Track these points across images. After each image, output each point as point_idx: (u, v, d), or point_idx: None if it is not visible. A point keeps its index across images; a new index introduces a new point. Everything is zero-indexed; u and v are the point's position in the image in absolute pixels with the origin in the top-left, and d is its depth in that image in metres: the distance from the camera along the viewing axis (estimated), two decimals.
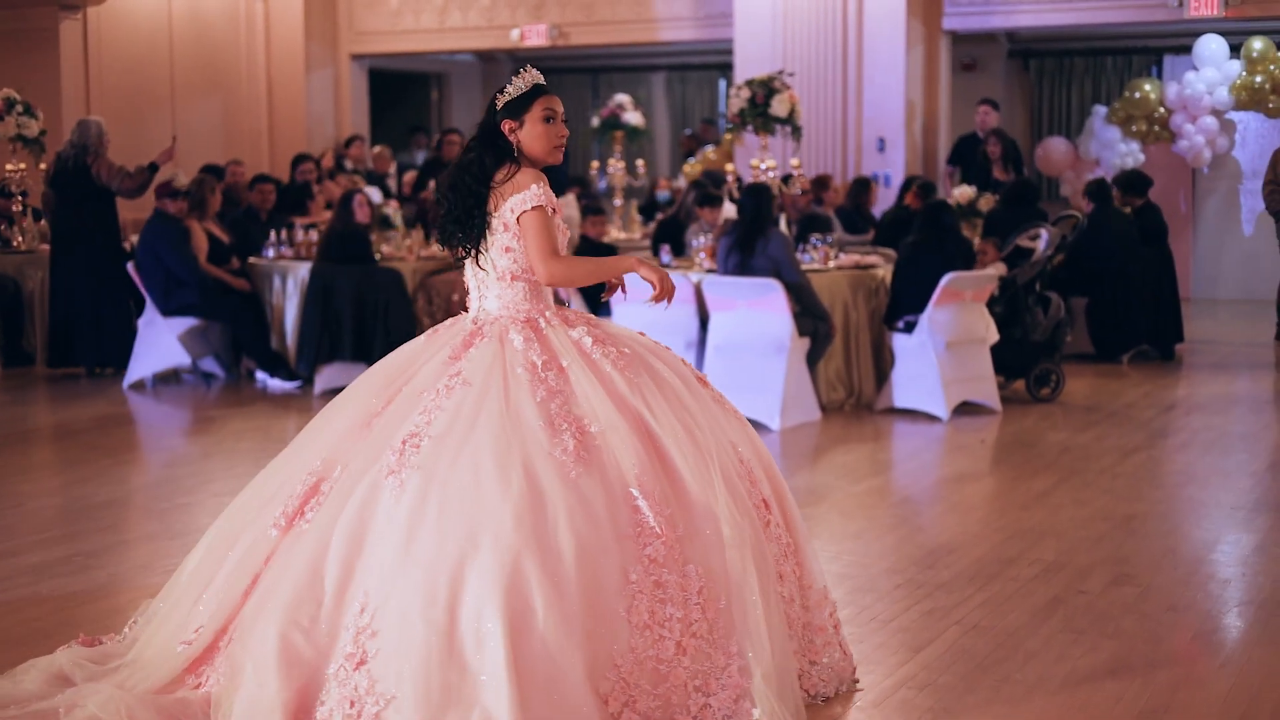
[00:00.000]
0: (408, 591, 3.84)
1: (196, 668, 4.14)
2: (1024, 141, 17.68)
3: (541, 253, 4.24)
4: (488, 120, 4.36)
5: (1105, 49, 17.89)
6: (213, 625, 4.16)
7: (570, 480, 3.95)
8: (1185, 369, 11.63)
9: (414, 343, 4.50)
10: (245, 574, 4.17)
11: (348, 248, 10.50)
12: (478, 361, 4.19)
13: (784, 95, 10.28)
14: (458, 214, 4.33)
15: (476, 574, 3.81)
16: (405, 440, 4.06)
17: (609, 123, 14.82)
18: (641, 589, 3.92)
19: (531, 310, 4.33)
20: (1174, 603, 5.48)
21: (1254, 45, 15.86)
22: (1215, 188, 17.00)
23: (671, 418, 4.18)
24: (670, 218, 12.19)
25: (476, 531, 3.84)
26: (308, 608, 3.97)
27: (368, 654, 3.84)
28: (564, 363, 4.20)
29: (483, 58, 20.95)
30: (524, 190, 4.25)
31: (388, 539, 3.94)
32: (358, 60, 18.04)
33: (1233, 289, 17.06)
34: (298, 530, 4.11)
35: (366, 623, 3.87)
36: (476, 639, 3.76)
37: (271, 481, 4.35)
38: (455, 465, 3.96)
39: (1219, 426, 9.05)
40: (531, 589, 3.79)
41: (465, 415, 4.06)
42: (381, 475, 4.03)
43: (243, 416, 9.67)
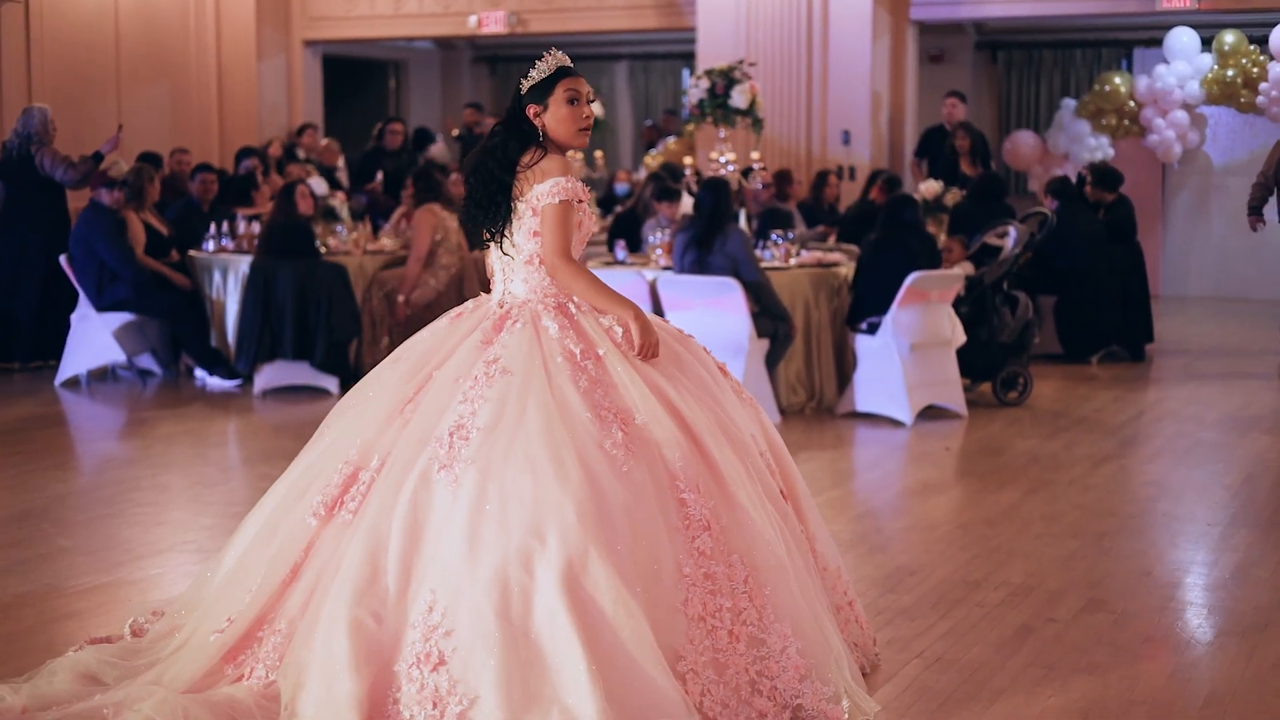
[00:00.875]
0: (478, 590, 3.81)
1: (234, 656, 4.10)
2: (991, 135, 17.39)
3: (555, 249, 4.23)
4: (513, 105, 4.34)
5: (1075, 41, 17.61)
6: (249, 613, 4.12)
7: (623, 473, 3.95)
8: (1155, 370, 11.32)
9: (435, 327, 4.45)
10: (283, 563, 4.14)
11: (289, 241, 10.07)
12: (514, 348, 4.15)
13: (744, 86, 9.92)
14: (480, 198, 4.32)
15: (545, 570, 3.79)
16: (452, 432, 4.02)
17: None
18: (694, 581, 3.95)
19: (560, 294, 4.31)
20: (1150, 632, 5.13)
21: (1226, 39, 15.59)
22: (1186, 183, 16.72)
23: (704, 408, 4.21)
24: (627, 211, 11.79)
25: (541, 527, 3.83)
26: (370, 604, 3.91)
27: (444, 654, 3.80)
28: (600, 351, 4.19)
29: (442, 45, 20.53)
30: (550, 180, 4.25)
31: (449, 536, 3.90)
32: (311, 46, 17.57)
33: (1203, 286, 16.79)
34: (340, 520, 4.10)
35: (438, 621, 3.83)
36: (552, 637, 3.75)
37: (308, 474, 4.31)
38: (509, 459, 3.94)
39: (1191, 434, 8.72)
40: (600, 583, 3.79)
41: (512, 406, 4.03)
42: (433, 469, 3.99)
43: (176, 419, 9.23)
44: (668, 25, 15.98)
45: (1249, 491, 7.24)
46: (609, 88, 20.08)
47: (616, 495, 3.92)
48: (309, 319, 9.98)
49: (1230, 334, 13.46)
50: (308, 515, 4.15)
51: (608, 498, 3.91)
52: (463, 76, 20.99)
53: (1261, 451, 8.20)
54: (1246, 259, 16.57)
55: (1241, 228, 16.54)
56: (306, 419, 9.23)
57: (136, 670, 4.22)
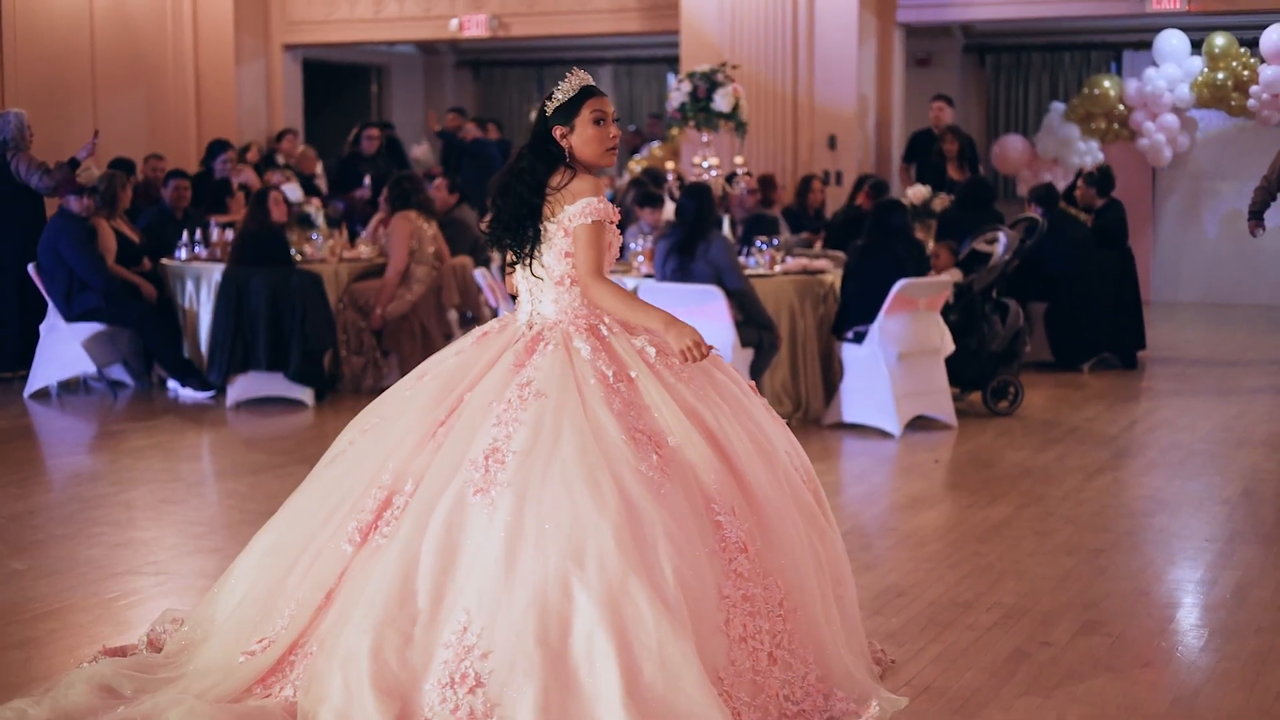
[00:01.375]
0: (515, 613, 3.80)
1: (265, 679, 4.09)
2: (980, 139, 17.19)
3: (588, 269, 4.22)
4: (538, 127, 4.33)
5: (1063, 44, 17.43)
6: (285, 639, 4.11)
7: (661, 495, 3.94)
8: (1148, 378, 11.12)
9: (459, 346, 4.44)
10: (318, 590, 4.12)
11: (262, 249, 9.84)
12: (547, 371, 4.15)
13: (727, 89, 9.71)
14: (507, 220, 4.31)
15: (584, 595, 3.78)
16: (487, 455, 4.02)
17: None
18: (735, 603, 3.95)
19: (590, 315, 4.31)
20: (1150, 656, 4.91)
21: (1216, 41, 15.42)
22: (1176, 187, 16.54)
23: (739, 428, 4.20)
24: None
25: (580, 551, 3.82)
26: (401, 625, 3.90)
27: (480, 675, 3.78)
28: (632, 373, 4.19)
29: (424, 49, 20.31)
30: (581, 200, 4.23)
31: (485, 558, 3.89)
32: (290, 51, 17.34)
33: (1194, 291, 16.61)
34: (373, 545, 4.09)
35: (473, 643, 3.82)
36: (589, 662, 3.75)
37: (334, 492, 4.27)
38: (545, 482, 3.93)
39: (1186, 445, 8.52)
40: (641, 607, 3.78)
41: (547, 429, 4.02)
42: (468, 492, 3.99)
43: (145, 432, 8.99)
44: (652, 29, 15.78)
45: (1247, 505, 7.03)
46: None
47: (655, 518, 3.90)
48: (283, 329, 9.74)
49: (1222, 340, 13.27)
50: (344, 542, 4.13)
51: (646, 521, 3.90)
52: (446, 81, 20.76)
53: (1258, 463, 7.99)
54: (1237, 264, 16.39)
55: (1232, 232, 16.40)
56: (280, 432, 9.00)
57: (156, 684, 4.20)
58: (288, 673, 4.10)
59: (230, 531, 6.58)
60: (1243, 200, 16.32)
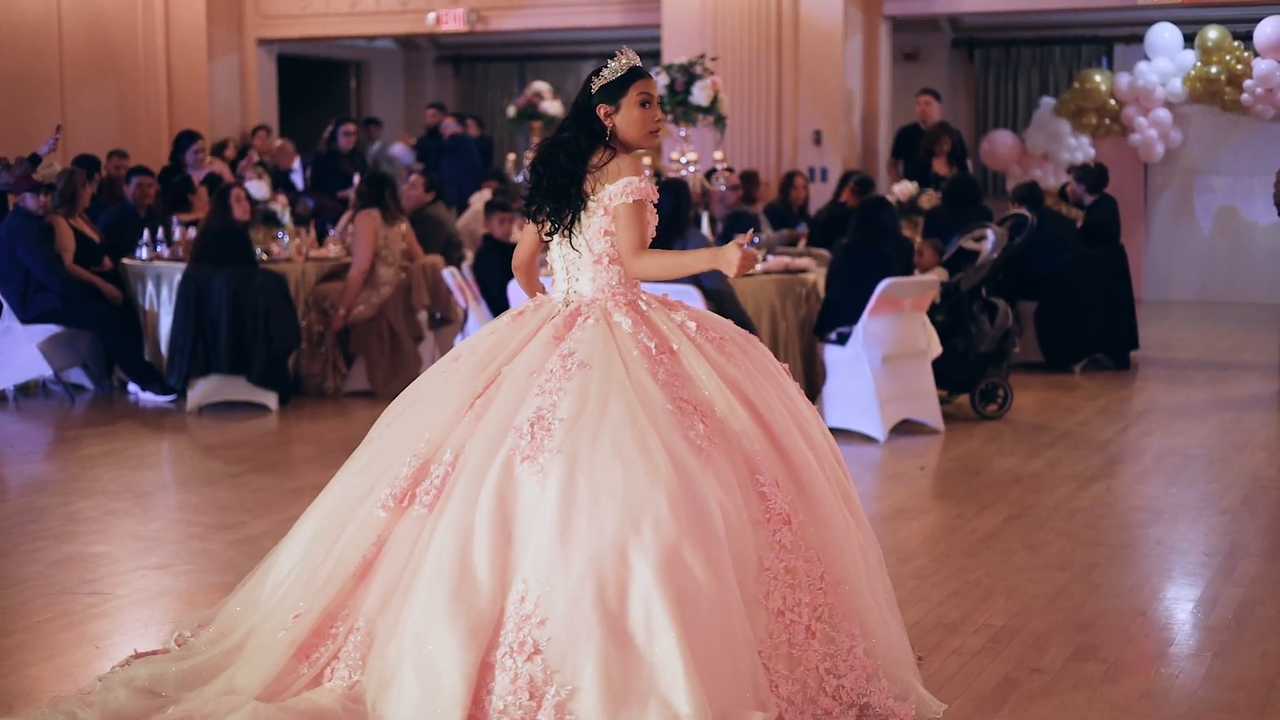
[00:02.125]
0: (572, 579, 3.77)
1: (307, 654, 4.02)
2: (969, 134, 16.89)
3: (632, 248, 4.22)
4: (583, 102, 4.31)
5: (1053, 38, 17.12)
6: (318, 607, 4.04)
7: (710, 463, 3.93)
8: (1141, 379, 10.80)
9: (495, 325, 4.42)
10: (352, 557, 4.08)
11: (224, 248, 9.48)
12: (589, 344, 4.13)
13: (706, 82, 9.36)
14: (549, 188, 4.30)
15: (640, 560, 3.76)
16: (532, 423, 3.98)
17: (526, 112, 13.82)
18: (776, 575, 3.95)
19: (628, 292, 4.30)
20: (1148, 686, 4.57)
21: (1209, 35, 15.14)
22: (1168, 183, 16.23)
23: (779, 404, 4.21)
24: None
25: (636, 517, 3.79)
26: (465, 599, 3.84)
27: (539, 643, 3.76)
28: (674, 346, 4.19)
29: (405, 45, 19.97)
30: (623, 179, 4.23)
31: (539, 527, 3.85)
32: (265, 45, 16.98)
33: (1187, 290, 16.31)
34: (414, 514, 4.04)
35: (530, 610, 3.78)
36: (647, 626, 3.72)
37: (372, 469, 4.24)
38: (596, 449, 3.90)
39: (1182, 449, 8.19)
40: (695, 574, 3.76)
41: (594, 397, 4.00)
42: (515, 460, 3.95)
43: (101, 438, 8.63)
44: (634, 22, 15.44)
45: (1248, 515, 6.70)
46: (576, 87, 19.43)
47: (705, 485, 3.89)
48: (245, 331, 9.39)
49: (1217, 339, 12.96)
50: (377, 508, 4.08)
51: (698, 488, 3.88)
52: (426, 77, 20.41)
53: (1258, 469, 7.66)
54: (1231, 262, 16.10)
55: (1226, 229, 16.10)
56: (241, 439, 8.65)
57: (195, 675, 4.16)
58: (331, 645, 4.02)
59: (176, 547, 6.23)
60: (1236, 196, 16.08)
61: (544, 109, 13.71)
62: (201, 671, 4.18)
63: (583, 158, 4.27)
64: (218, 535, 6.41)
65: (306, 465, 7.96)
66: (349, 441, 8.65)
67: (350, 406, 9.69)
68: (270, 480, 7.50)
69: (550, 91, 13.92)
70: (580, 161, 4.26)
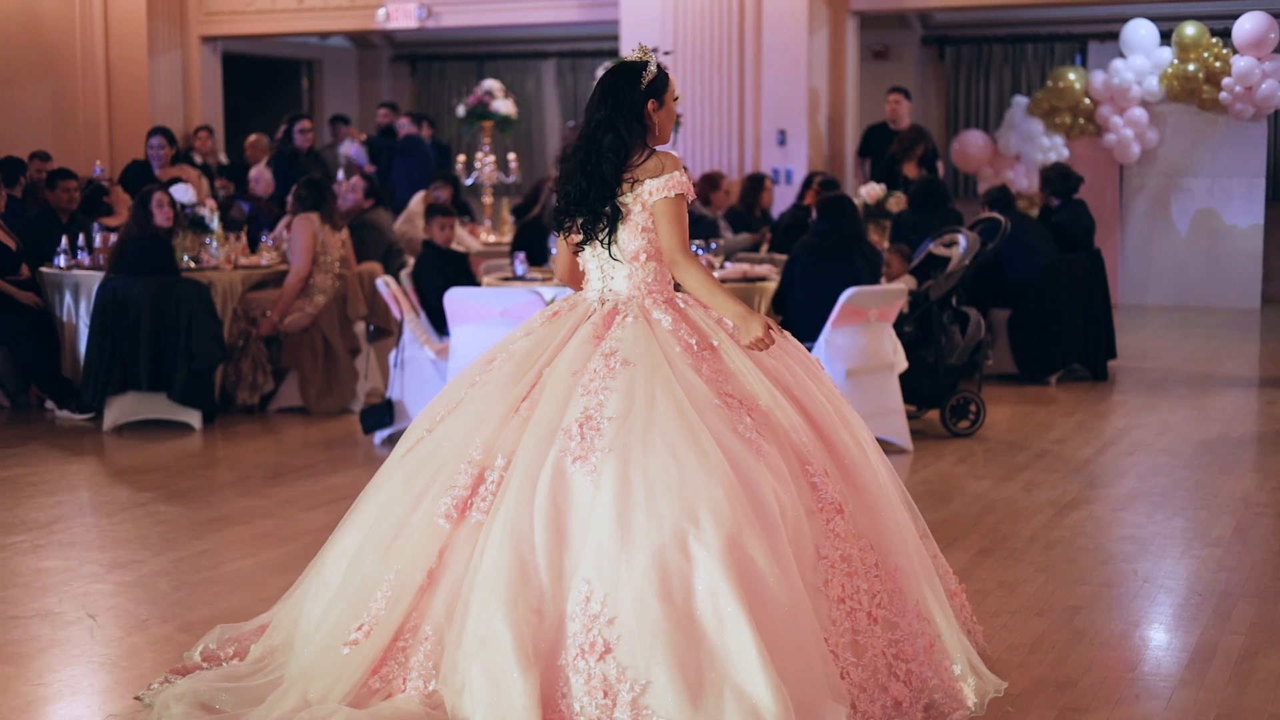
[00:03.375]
0: (637, 576, 3.76)
1: (379, 669, 4.00)
2: (939, 135, 16.39)
3: (678, 245, 4.21)
4: (628, 100, 4.24)
5: (1026, 35, 16.64)
6: (390, 622, 4.01)
7: (762, 454, 3.93)
8: (1120, 391, 10.26)
9: (530, 326, 4.40)
10: (417, 567, 4.04)
11: (145, 256, 8.85)
12: (631, 341, 4.14)
13: None
14: (592, 202, 4.25)
15: (702, 552, 3.75)
16: (581, 424, 3.98)
17: (476, 112, 13.21)
18: (833, 563, 3.96)
19: (665, 288, 4.32)
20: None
21: (1186, 31, 14.64)
22: (1145, 185, 15.72)
23: (821, 396, 4.25)
24: (533, 220, 10.61)
25: (693, 510, 3.79)
26: (528, 601, 3.83)
27: (610, 642, 3.74)
28: (715, 342, 4.21)
29: (359, 43, 19.38)
30: (666, 174, 4.21)
31: (597, 525, 3.84)
32: (209, 43, 16.35)
33: (1164, 294, 15.81)
34: (471, 522, 4.03)
35: (598, 610, 3.77)
36: (716, 618, 3.70)
37: (420, 475, 4.20)
38: (647, 446, 3.90)
39: (1167, 470, 7.64)
40: (758, 563, 3.76)
41: (640, 395, 4.00)
42: (566, 461, 3.95)
43: (5, 461, 7.99)
44: (592, 18, 14.88)
45: (1242, 548, 6.14)
46: (536, 87, 18.95)
47: (760, 476, 3.89)
48: (166, 345, 8.76)
49: (1197, 347, 12.44)
50: (438, 517, 4.06)
51: (753, 478, 3.88)
52: (381, 76, 19.81)
53: (1249, 492, 7.12)
54: (1208, 266, 15.61)
55: (1204, 232, 15.59)
56: (159, 461, 8.04)
57: (257, 692, 4.11)
58: (404, 660, 3.99)
59: (62, 592, 5.60)
60: (1214, 198, 15.58)
61: (495, 108, 13.10)
62: (258, 688, 4.14)
63: (626, 162, 4.21)
64: (111, 575, 5.80)
65: (222, 493, 7.34)
66: (276, 465, 8.12)
67: (280, 425, 9.09)
68: (178, 511, 6.88)
69: (502, 90, 13.30)
70: (624, 168, 4.21)
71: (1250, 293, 15.46)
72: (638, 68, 4.29)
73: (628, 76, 4.27)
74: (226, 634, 4.61)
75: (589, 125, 4.29)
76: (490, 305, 7.85)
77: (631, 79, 4.27)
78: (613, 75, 4.31)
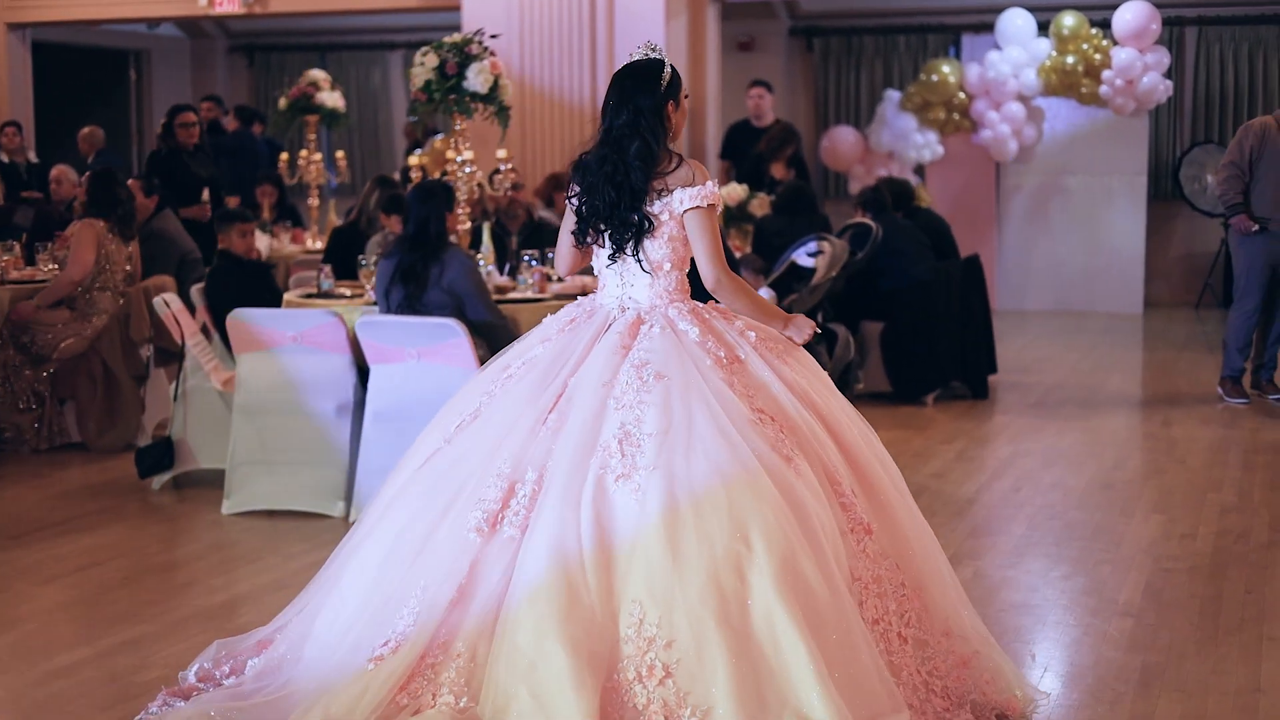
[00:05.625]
0: (693, 599, 3.65)
1: (408, 684, 3.82)
2: (807, 131, 15.52)
3: (714, 257, 4.16)
4: (650, 103, 4.15)
5: (898, 26, 15.83)
6: (418, 637, 3.84)
7: (800, 473, 3.88)
8: (1002, 411, 9.37)
9: (545, 333, 4.29)
10: (447, 582, 3.88)
11: None
12: (661, 353, 4.05)
13: (483, 64, 7.69)
14: (622, 212, 4.14)
15: (756, 574, 3.67)
16: (620, 440, 3.88)
17: (299, 104, 12.00)
18: (866, 585, 3.91)
19: (685, 298, 4.25)
20: None
21: (1065, 21, 13.89)
22: (1022, 184, 14.97)
23: (844, 414, 4.18)
24: (348, 226, 9.44)
25: (744, 531, 3.71)
26: (578, 622, 3.68)
27: (669, 666, 3.63)
28: (741, 355, 4.15)
29: (190, 32, 18.09)
30: (697, 184, 4.13)
31: (646, 546, 3.73)
32: (16, 30, 14.96)
33: (1043, 299, 15.08)
34: (504, 536, 3.89)
35: (653, 634, 3.65)
36: (773, 640, 3.62)
37: (444, 488, 4.06)
38: (691, 464, 3.81)
39: (1060, 511, 6.73)
40: (810, 582, 3.69)
41: (678, 410, 3.92)
42: (608, 479, 3.85)
43: None
44: (431, 4, 13.74)
45: (1155, 618, 5.19)
46: (381, 81, 17.79)
47: (802, 496, 3.82)
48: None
49: (1081, 358, 11.65)
50: (469, 531, 3.92)
51: (798, 497, 3.81)
52: (216, 68, 18.53)
53: (1155, 541, 6.21)
54: (1089, 269, 14.90)
55: (1084, 234, 14.85)
56: None
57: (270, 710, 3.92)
58: (433, 676, 3.83)
59: None
60: (1095, 198, 14.84)
61: (320, 100, 11.91)
62: (269, 704, 3.95)
63: (654, 170, 4.10)
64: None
65: None
66: (25, 519, 6.67)
67: (51, 465, 7.86)
68: None
69: (328, 81, 12.12)
70: (652, 176, 4.10)
71: (1132, 297, 14.79)
72: (655, 68, 4.16)
73: (647, 78, 4.15)
74: (222, 650, 4.39)
75: (610, 132, 4.13)
76: (281, 330, 6.71)
77: (651, 81, 4.15)
78: (630, 78, 4.16)
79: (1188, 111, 15.24)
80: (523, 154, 12.40)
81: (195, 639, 4.90)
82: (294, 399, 6.74)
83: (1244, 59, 15.00)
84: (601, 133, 4.18)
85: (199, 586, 5.65)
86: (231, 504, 6.79)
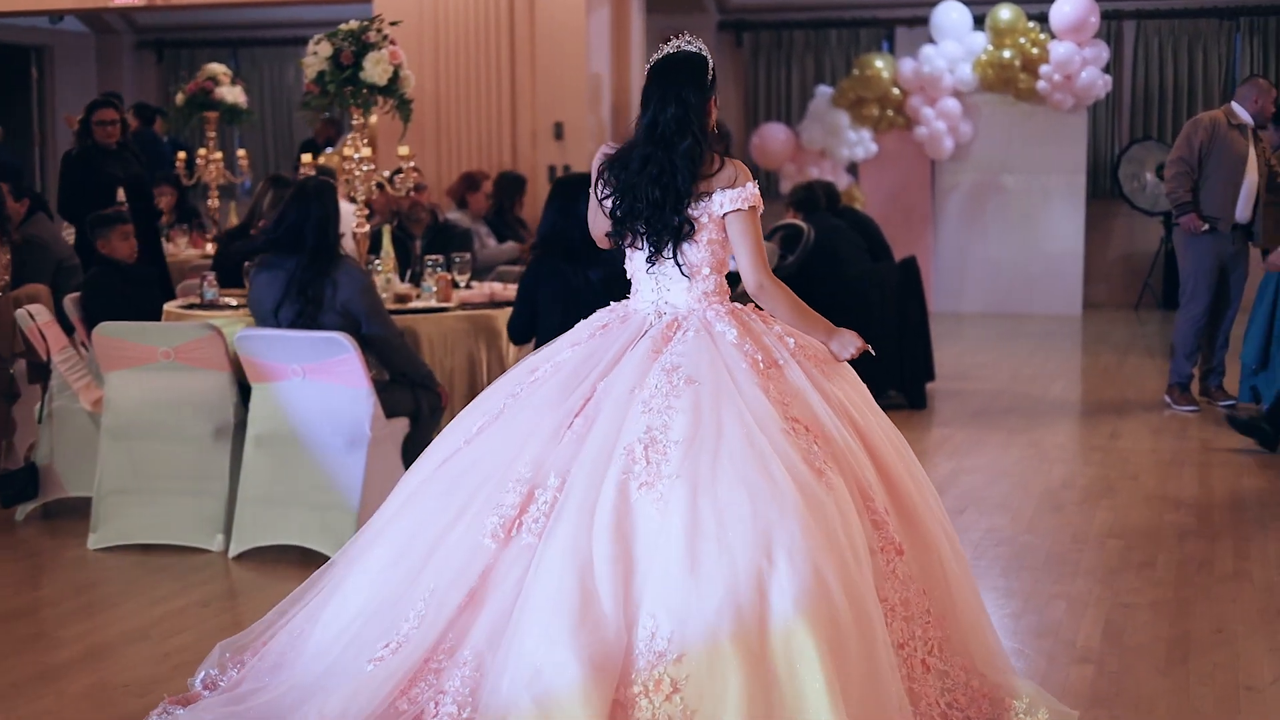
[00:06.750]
0: (708, 613, 3.46)
1: (409, 689, 3.65)
2: (737, 128, 15.02)
3: (757, 261, 4.02)
4: (699, 98, 3.98)
5: (830, 20, 15.36)
6: (423, 640, 3.68)
7: (831, 487, 3.68)
8: (942, 423, 8.88)
9: (576, 338, 4.13)
10: (457, 587, 3.72)
11: None
12: (694, 357, 3.89)
13: (381, 54, 7.09)
14: (665, 218, 3.98)
15: (778, 592, 3.46)
16: (646, 446, 3.70)
17: (197, 100, 11.33)
18: (893, 607, 3.74)
19: (724, 299, 4.09)
20: None
21: (1000, 15, 13.52)
22: (958, 182, 14.53)
23: (882, 430, 4.02)
24: (237, 228, 8.78)
25: (768, 546, 3.50)
26: (590, 630, 3.49)
27: (677, 681, 3.46)
28: (779, 360, 3.97)
29: (96, 27, 17.35)
30: (739, 186, 3.98)
31: (664, 557, 3.55)
32: None
33: (979, 301, 14.66)
34: (521, 544, 3.71)
35: (663, 648, 3.48)
36: (789, 664, 3.42)
37: (459, 490, 3.88)
38: (716, 473, 3.62)
39: (1008, 537, 6.22)
40: (835, 603, 3.46)
41: (707, 417, 3.75)
42: (630, 486, 3.67)
43: None
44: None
45: (1118, 664, 4.67)
46: (296, 78, 17.10)
47: (831, 512, 3.60)
48: None
49: (1019, 364, 11.21)
50: (483, 537, 3.73)
51: (826, 513, 3.59)
52: (123, 65, 17.80)
53: (1113, 569, 5.70)
54: (1027, 269, 14.49)
55: (1021, 234, 14.43)
56: None
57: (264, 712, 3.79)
58: (436, 682, 3.64)
59: None
60: (1032, 197, 14.42)
61: (220, 95, 11.24)
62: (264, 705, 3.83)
63: (700, 170, 3.95)
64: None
65: None
66: None
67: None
68: None
69: (228, 75, 11.46)
70: (698, 177, 3.95)
71: (1071, 298, 14.41)
72: (701, 62, 3.99)
73: (694, 72, 3.97)
74: (226, 653, 4.24)
75: (655, 127, 3.94)
76: (152, 344, 6.08)
77: (699, 75, 3.97)
78: (678, 70, 3.97)
79: (1126, 107, 14.87)
80: (437, 151, 11.80)
81: (26, 708, 4.28)
82: (167, 421, 6.12)
83: (1183, 53, 14.63)
84: (644, 128, 3.97)
85: (45, 640, 5.01)
86: (98, 538, 6.15)
